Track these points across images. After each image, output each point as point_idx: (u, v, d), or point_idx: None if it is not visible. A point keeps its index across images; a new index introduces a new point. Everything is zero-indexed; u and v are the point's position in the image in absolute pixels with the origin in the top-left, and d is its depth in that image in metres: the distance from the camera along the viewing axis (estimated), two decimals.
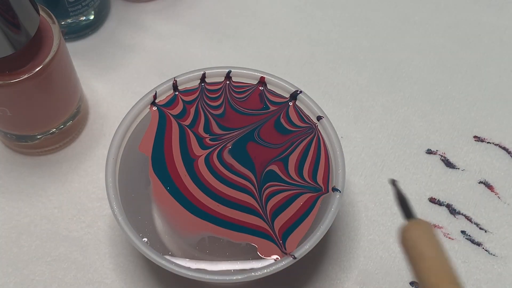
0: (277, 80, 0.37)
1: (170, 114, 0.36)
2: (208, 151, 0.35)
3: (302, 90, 0.37)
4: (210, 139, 0.35)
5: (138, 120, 0.36)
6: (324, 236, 0.32)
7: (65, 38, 0.45)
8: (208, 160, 0.35)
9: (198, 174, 0.34)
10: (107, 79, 0.45)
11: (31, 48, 0.35)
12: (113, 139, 0.35)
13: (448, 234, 0.39)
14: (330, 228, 0.33)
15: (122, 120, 0.36)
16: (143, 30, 0.47)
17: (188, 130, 0.36)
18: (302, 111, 0.37)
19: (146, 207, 0.34)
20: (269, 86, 0.37)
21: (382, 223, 0.40)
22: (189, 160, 0.35)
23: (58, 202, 0.40)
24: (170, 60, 0.46)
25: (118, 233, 0.39)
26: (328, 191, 0.34)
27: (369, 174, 0.41)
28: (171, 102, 0.37)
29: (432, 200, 0.41)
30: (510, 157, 0.42)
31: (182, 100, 0.37)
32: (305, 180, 0.34)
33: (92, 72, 0.45)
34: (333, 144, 0.35)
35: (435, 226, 0.40)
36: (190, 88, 0.37)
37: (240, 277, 0.31)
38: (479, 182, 0.41)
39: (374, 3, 0.49)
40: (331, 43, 0.47)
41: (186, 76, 0.37)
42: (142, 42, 0.47)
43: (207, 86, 0.37)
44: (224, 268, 0.32)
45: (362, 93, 0.45)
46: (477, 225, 0.40)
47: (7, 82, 0.34)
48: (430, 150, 0.43)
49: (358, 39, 0.47)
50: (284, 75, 0.38)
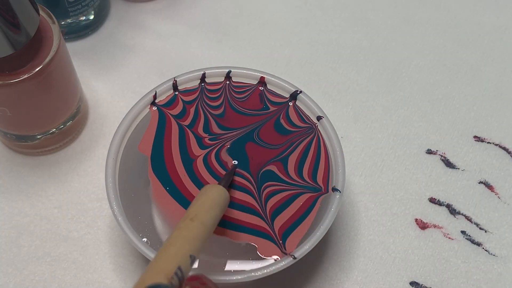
0: (277, 80, 0.37)
1: (170, 114, 0.36)
2: (206, 151, 0.35)
3: (302, 90, 0.37)
4: (209, 139, 0.35)
5: (138, 120, 0.36)
6: (324, 236, 0.32)
7: (65, 38, 0.45)
8: (206, 159, 0.35)
9: (197, 174, 0.34)
10: (107, 79, 0.45)
11: (31, 48, 0.35)
12: (113, 139, 0.35)
13: (448, 234, 0.39)
14: (330, 228, 0.33)
15: (122, 120, 0.36)
16: (143, 30, 0.47)
17: (187, 130, 0.36)
18: (302, 111, 0.37)
19: (146, 207, 0.34)
20: (269, 86, 0.37)
21: (382, 223, 0.40)
22: (188, 160, 0.35)
23: (58, 202, 0.40)
24: (170, 60, 0.46)
25: (118, 233, 0.39)
26: (328, 191, 0.34)
27: (369, 174, 0.41)
28: (171, 102, 0.37)
29: (432, 200, 0.41)
30: (510, 157, 0.42)
31: (182, 100, 0.37)
32: (305, 180, 0.34)
33: (92, 72, 0.45)
34: (333, 144, 0.35)
35: (435, 226, 0.40)
36: (190, 88, 0.37)
37: (240, 277, 0.31)
38: (479, 182, 0.41)
39: (374, 3, 0.49)
40: (331, 43, 0.47)
41: (186, 76, 0.37)
42: (142, 42, 0.47)
43: (207, 86, 0.37)
44: (224, 268, 0.32)
45: (362, 93, 0.45)
46: (477, 225, 0.40)
47: (7, 82, 0.34)
48: (430, 150, 0.43)
49: (358, 39, 0.47)
50: (284, 75, 0.38)
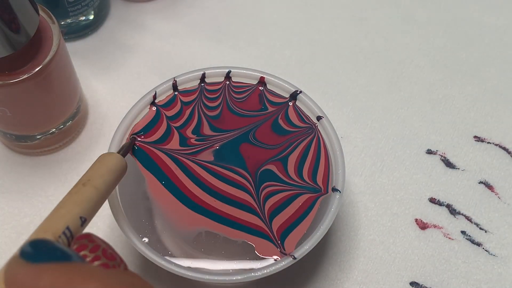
0: (277, 80, 0.37)
1: (165, 114, 0.36)
2: (189, 150, 0.35)
3: (302, 90, 0.37)
4: (195, 140, 0.35)
5: (138, 120, 0.36)
6: (324, 236, 0.32)
7: (65, 38, 0.45)
8: (188, 158, 0.35)
9: (190, 170, 0.34)
10: (107, 79, 0.45)
11: (31, 48, 0.35)
12: (112, 139, 0.35)
13: (448, 234, 0.39)
14: (330, 228, 0.33)
15: (122, 120, 0.36)
16: (143, 30, 0.47)
17: (174, 130, 0.36)
18: (302, 111, 0.37)
19: (145, 207, 0.34)
20: (269, 86, 0.37)
21: (382, 223, 0.40)
22: (173, 157, 0.35)
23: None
24: (170, 60, 0.46)
25: (118, 233, 0.39)
26: (327, 192, 0.34)
27: (369, 174, 0.41)
28: (171, 102, 0.37)
29: (432, 200, 0.41)
30: (510, 157, 0.42)
31: (181, 100, 0.37)
32: (304, 180, 0.34)
33: (92, 72, 0.45)
34: (333, 144, 0.35)
35: (435, 226, 0.40)
36: (190, 88, 0.37)
37: (240, 277, 0.31)
38: (479, 182, 0.41)
39: (374, 3, 0.49)
40: (331, 43, 0.47)
41: (186, 76, 0.37)
42: (142, 42, 0.47)
43: (207, 86, 0.37)
44: (223, 268, 0.32)
45: (362, 93, 0.45)
46: (477, 225, 0.40)
47: (7, 82, 0.34)
48: (430, 150, 0.43)
49: (358, 39, 0.47)
50: (284, 75, 0.38)
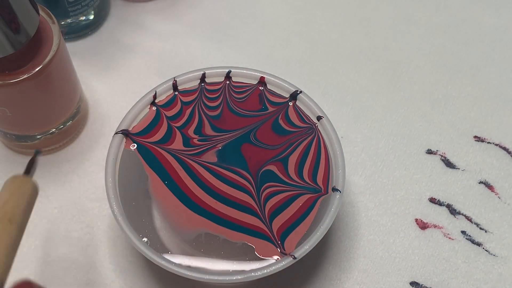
0: (277, 80, 0.37)
1: (165, 114, 0.36)
2: (192, 150, 0.35)
3: (302, 90, 0.37)
4: (198, 140, 0.35)
5: (138, 120, 0.36)
6: (324, 236, 0.32)
7: (65, 38, 0.45)
8: (191, 159, 0.35)
9: (194, 171, 0.34)
10: (107, 79, 0.45)
11: (31, 48, 0.35)
12: (112, 139, 0.35)
13: (448, 234, 0.39)
14: (330, 228, 0.33)
15: (122, 120, 0.36)
16: (143, 30, 0.47)
17: (176, 130, 0.36)
18: (302, 111, 0.37)
19: (145, 207, 0.34)
20: (269, 86, 0.37)
21: (382, 223, 0.40)
22: (178, 158, 0.35)
23: (58, 202, 0.40)
24: (170, 60, 0.46)
25: (118, 233, 0.39)
26: (327, 192, 0.34)
27: (369, 174, 0.41)
28: (171, 102, 0.37)
29: (432, 200, 0.41)
30: (510, 157, 0.42)
31: (181, 100, 0.37)
32: (304, 181, 0.34)
33: (92, 72, 0.45)
34: (333, 144, 0.35)
35: (435, 226, 0.40)
36: (190, 88, 0.37)
37: (240, 277, 0.31)
38: (479, 182, 0.41)
39: (374, 3, 0.49)
40: (331, 43, 0.47)
41: (186, 76, 0.37)
42: (142, 42, 0.47)
43: (207, 86, 0.37)
44: (223, 268, 0.32)
45: (362, 93, 0.45)
46: (477, 225, 0.40)
47: (7, 82, 0.34)
48: (430, 150, 0.43)
49: (358, 39, 0.47)
50: (284, 75, 0.38)
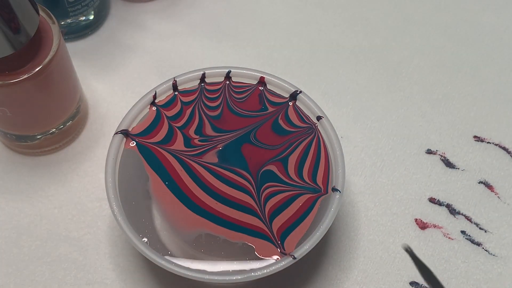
0: (277, 80, 0.37)
1: (165, 115, 0.36)
2: (194, 151, 0.35)
3: (302, 90, 0.37)
4: (199, 140, 0.35)
5: (138, 120, 0.36)
6: (324, 236, 0.32)
7: (65, 38, 0.45)
8: (194, 159, 0.35)
9: (195, 172, 0.34)
10: (107, 79, 0.45)
11: (31, 48, 0.35)
12: (112, 139, 0.35)
13: (448, 234, 0.39)
14: (330, 228, 0.33)
15: (122, 120, 0.36)
16: (143, 30, 0.47)
17: (177, 130, 0.36)
18: (302, 111, 0.37)
19: (146, 207, 0.34)
20: (269, 86, 0.37)
21: (382, 223, 0.40)
22: (179, 158, 0.35)
23: (58, 202, 0.40)
24: (170, 60, 0.46)
25: (118, 233, 0.39)
26: (327, 193, 0.34)
27: (369, 174, 0.41)
28: (170, 102, 0.37)
29: (432, 200, 0.41)
30: (510, 157, 0.42)
31: (181, 100, 0.37)
32: (304, 181, 0.34)
33: (92, 72, 0.45)
34: (333, 144, 0.35)
35: (435, 226, 0.40)
36: (190, 88, 0.37)
37: (240, 277, 0.31)
38: (479, 182, 0.41)
39: (374, 3, 0.49)
40: (331, 43, 0.47)
41: (186, 76, 0.37)
42: (142, 42, 0.47)
43: (207, 86, 0.37)
44: (223, 268, 0.32)
45: (362, 93, 0.45)
46: (477, 225, 0.40)
47: (7, 82, 0.34)
48: (430, 150, 0.43)
49: (358, 39, 0.47)
50: (284, 75, 0.38)
